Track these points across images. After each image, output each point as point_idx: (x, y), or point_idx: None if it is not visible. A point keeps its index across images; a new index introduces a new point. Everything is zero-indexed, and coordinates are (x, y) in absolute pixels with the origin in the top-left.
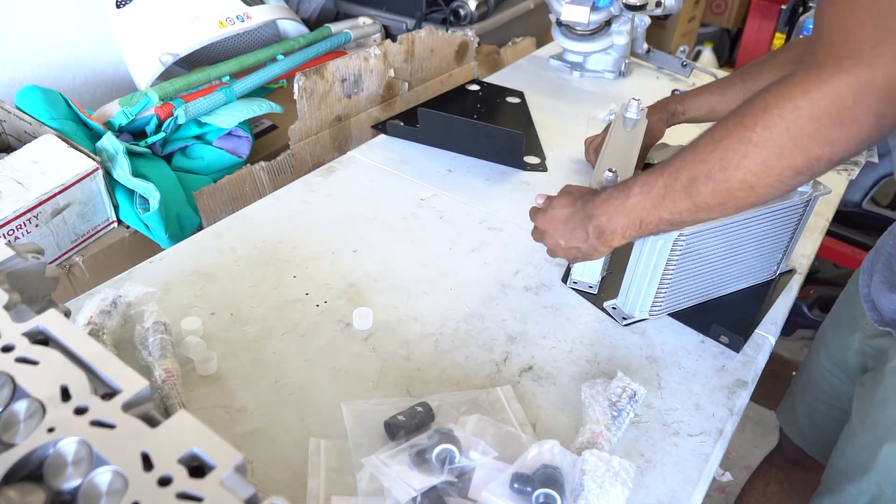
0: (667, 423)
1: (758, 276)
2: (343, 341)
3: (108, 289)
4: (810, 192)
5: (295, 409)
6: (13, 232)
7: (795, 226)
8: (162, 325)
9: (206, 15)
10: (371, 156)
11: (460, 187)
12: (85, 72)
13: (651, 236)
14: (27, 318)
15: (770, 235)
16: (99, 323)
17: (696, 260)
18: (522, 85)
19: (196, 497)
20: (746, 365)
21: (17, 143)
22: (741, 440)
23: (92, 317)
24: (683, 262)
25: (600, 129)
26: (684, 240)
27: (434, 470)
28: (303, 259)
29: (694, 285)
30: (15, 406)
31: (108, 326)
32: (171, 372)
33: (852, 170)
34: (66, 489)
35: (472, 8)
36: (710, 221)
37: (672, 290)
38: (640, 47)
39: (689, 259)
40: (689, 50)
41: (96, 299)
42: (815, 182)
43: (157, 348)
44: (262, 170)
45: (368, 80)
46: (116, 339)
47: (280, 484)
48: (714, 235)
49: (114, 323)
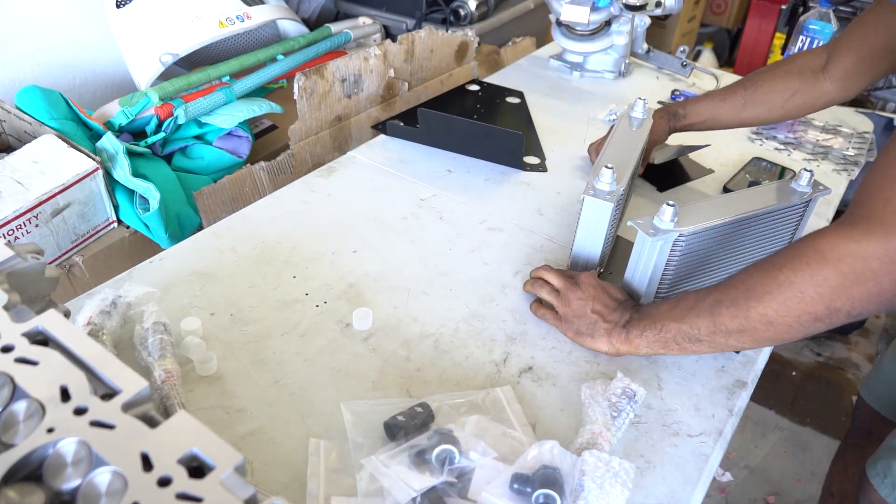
0: (667, 423)
1: None
2: (343, 341)
3: (108, 289)
4: (810, 192)
5: (295, 409)
6: (13, 232)
7: (795, 226)
8: (161, 326)
9: (206, 15)
10: (371, 156)
11: (460, 187)
12: (85, 72)
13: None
14: (27, 318)
15: (770, 236)
16: (98, 323)
17: (696, 261)
18: (522, 85)
19: (196, 497)
20: (746, 365)
21: (17, 143)
22: (741, 440)
23: (91, 317)
24: (684, 262)
25: (600, 129)
26: (684, 239)
27: (434, 470)
28: (303, 259)
29: (694, 286)
30: (15, 406)
31: (108, 327)
32: (171, 372)
33: (852, 170)
34: (66, 489)
35: (472, 8)
36: (712, 228)
37: (672, 292)
38: (640, 47)
39: (689, 259)
40: (689, 50)
41: (96, 299)
42: (814, 182)
43: (156, 349)
44: (262, 170)
45: (368, 80)
46: (116, 339)
47: (280, 484)
48: (715, 235)
49: (113, 323)
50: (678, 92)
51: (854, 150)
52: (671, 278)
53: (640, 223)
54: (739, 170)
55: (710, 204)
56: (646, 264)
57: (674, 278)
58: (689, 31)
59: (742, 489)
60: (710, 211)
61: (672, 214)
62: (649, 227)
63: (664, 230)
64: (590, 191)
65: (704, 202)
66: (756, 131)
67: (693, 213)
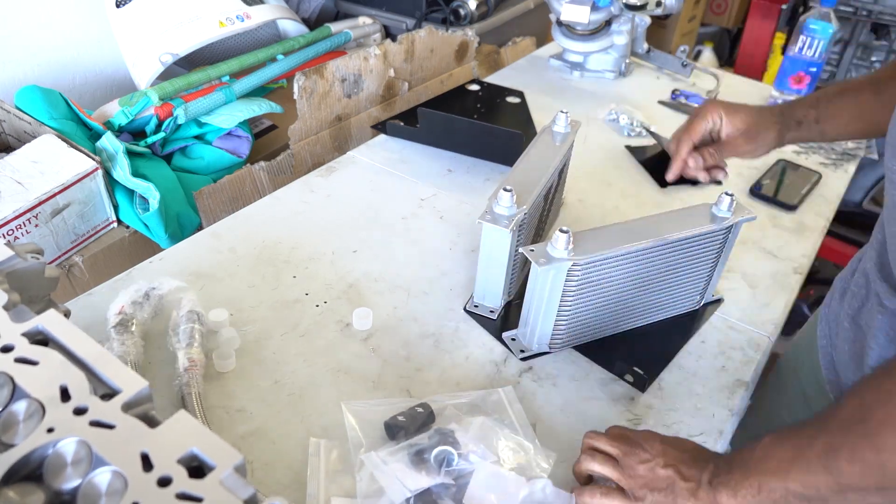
0: (667, 423)
1: (678, 307)
2: (343, 341)
3: (142, 280)
4: (731, 217)
5: (295, 409)
6: (13, 232)
7: (717, 255)
8: (195, 315)
9: (205, 15)
10: (371, 156)
11: (460, 187)
12: (85, 71)
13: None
14: (27, 318)
15: (687, 265)
16: (129, 313)
17: (598, 291)
18: (522, 85)
19: (196, 497)
20: (746, 365)
21: (17, 143)
22: (741, 440)
23: (123, 306)
24: (583, 293)
25: (601, 128)
26: (580, 270)
27: (431, 470)
28: (303, 259)
29: (600, 317)
30: (15, 406)
31: (139, 317)
32: (195, 362)
33: (843, 164)
34: (66, 489)
35: (472, 8)
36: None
37: (574, 323)
38: (640, 47)
39: (589, 290)
40: (690, 50)
41: (130, 290)
42: (738, 206)
43: (186, 336)
44: (262, 170)
45: (368, 80)
46: (146, 330)
47: (280, 484)
48: (616, 266)
49: (144, 314)
50: (678, 91)
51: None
52: (570, 310)
53: (531, 251)
54: (765, 172)
55: (613, 230)
56: (540, 295)
57: (573, 310)
58: (689, 31)
59: None
60: (611, 237)
61: (566, 242)
62: (541, 256)
63: (557, 258)
64: (486, 215)
65: (606, 228)
66: None
67: (591, 239)
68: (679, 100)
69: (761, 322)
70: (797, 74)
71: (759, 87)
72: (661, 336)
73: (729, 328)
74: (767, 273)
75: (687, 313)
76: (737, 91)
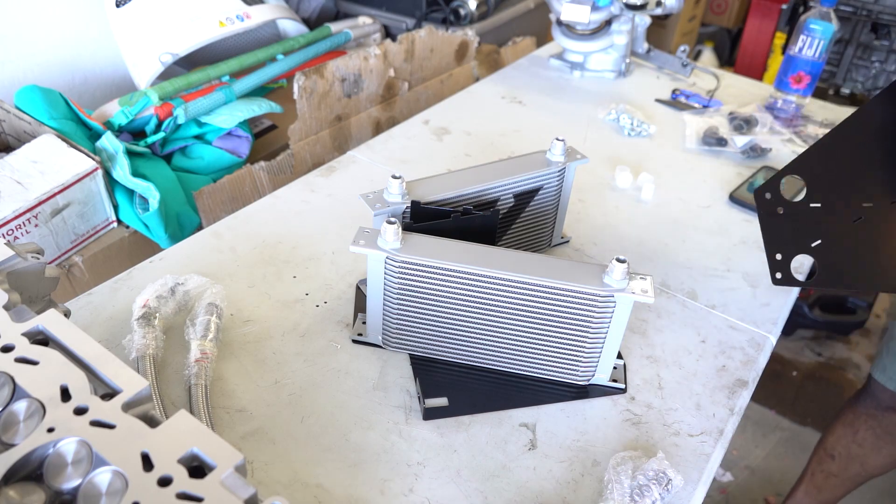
0: (667, 423)
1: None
2: (343, 341)
3: (169, 275)
4: (564, 160)
5: (295, 409)
6: (13, 232)
7: (555, 204)
8: (215, 308)
9: (205, 15)
10: (371, 155)
11: None
12: (85, 72)
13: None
14: (27, 318)
15: (535, 213)
16: (153, 307)
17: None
18: (522, 85)
19: (196, 497)
20: (747, 365)
21: (17, 143)
22: (742, 440)
23: (148, 300)
24: (408, 298)
25: (601, 128)
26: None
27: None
28: (303, 259)
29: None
30: (15, 406)
31: (162, 311)
32: (207, 354)
33: None
34: (66, 489)
35: (472, 8)
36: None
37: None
38: (640, 47)
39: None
40: (690, 49)
41: (157, 284)
42: (570, 150)
43: (202, 327)
44: (262, 170)
45: (368, 80)
46: (168, 324)
47: (280, 484)
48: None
49: (168, 309)
50: (678, 91)
51: None
52: (397, 309)
53: (369, 196)
54: (748, 177)
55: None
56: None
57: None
58: (689, 31)
59: (743, 489)
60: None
61: (399, 186)
62: (377, 201)
63: (392, 202)
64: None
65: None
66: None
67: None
68: (679, 99)
69: (762, 321)
70: (797, 74)
71: (759, 87)
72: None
73: (729, 328)
74: (768, 272)
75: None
76: (737, 91)
